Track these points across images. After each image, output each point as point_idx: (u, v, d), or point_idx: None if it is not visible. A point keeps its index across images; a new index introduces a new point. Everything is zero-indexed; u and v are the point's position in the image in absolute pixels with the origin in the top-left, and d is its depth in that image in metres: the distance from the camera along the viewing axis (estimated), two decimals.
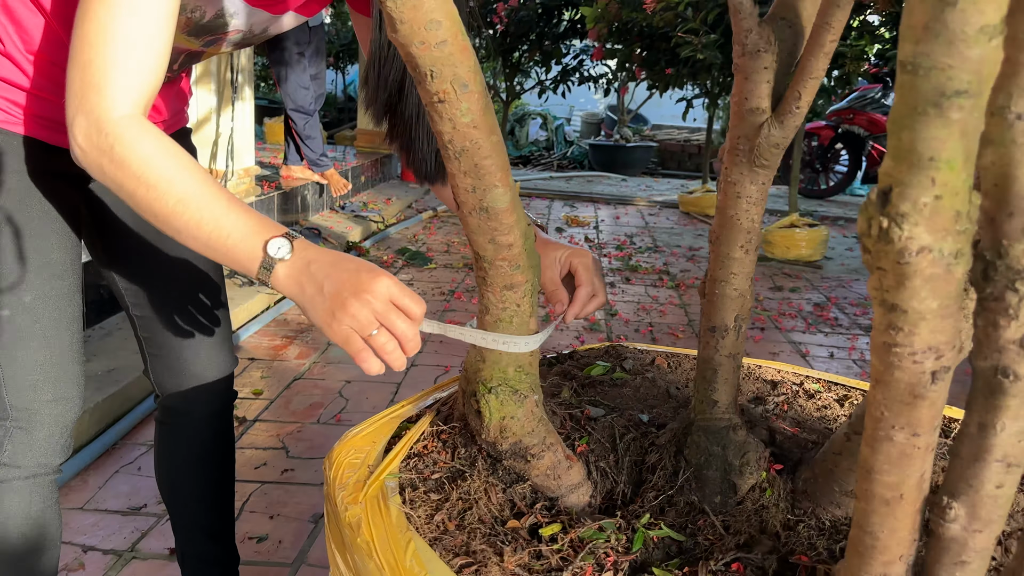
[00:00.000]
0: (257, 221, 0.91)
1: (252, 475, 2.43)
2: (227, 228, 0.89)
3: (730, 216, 1.02)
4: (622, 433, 1.13)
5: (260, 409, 2.84)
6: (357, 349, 0.88)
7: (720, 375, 1.06)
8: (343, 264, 0.90)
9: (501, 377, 1.05)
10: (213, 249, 0.90)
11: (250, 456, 2.53)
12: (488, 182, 0.96)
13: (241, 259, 0.90)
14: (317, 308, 0.88)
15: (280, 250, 0.89)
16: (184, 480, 1.47)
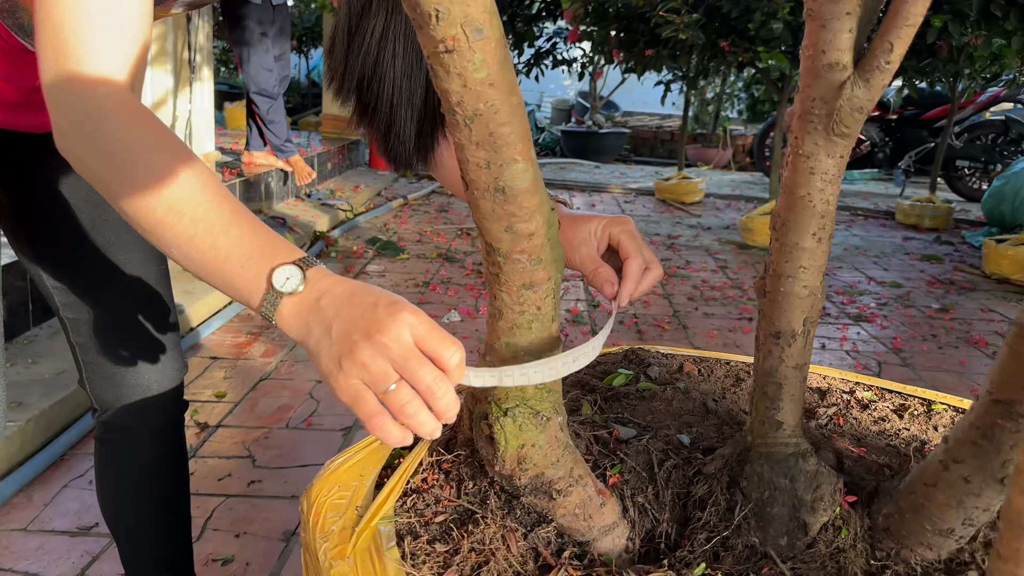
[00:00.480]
0: (264, 242, 0.73)
1: (215, 488, 2.21)
2: (225, 248, 0.71)
3: (801, 197, 0.83)
4: (661, 459, 0.94)
5: (223, 413, 2.62)
6: (368, 413, 0.66)
7: (785, 390, 0.88)
8: (358, 297, 0.70)
9: (518, 396, 0.86)
10: (209, 273, 0.72)
11: (212, 466, 2.31)
12: (506, 155, 0.76)
13: (241, 289, 0.72)
14: (323, 355, 0.68)
15: (288, 282, 0.70)
16: (131, 506, 1.29)
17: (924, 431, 1.08)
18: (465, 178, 0.79)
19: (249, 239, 0.72)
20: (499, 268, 0.84)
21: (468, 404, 0.92)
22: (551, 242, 0.85)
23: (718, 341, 3.42)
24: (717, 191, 7.60)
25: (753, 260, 4.95)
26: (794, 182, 0.84)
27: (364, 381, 0.66)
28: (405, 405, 0.66)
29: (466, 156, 0.77)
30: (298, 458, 2.34)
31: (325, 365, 0.68)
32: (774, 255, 0.87)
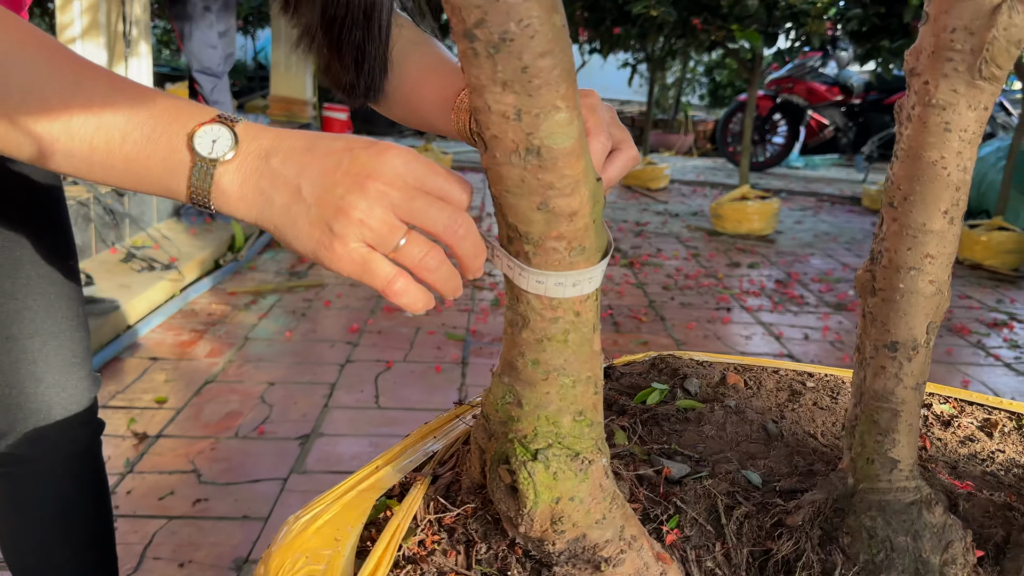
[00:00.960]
0: (167, 105, 0.57)
1: (155, 508, 1.95)
2: (119, 125, 0.55)
3: (931, 163, 0.62)
4: (728, 506, 0.73)
5: (164, 422, 2.35)
6: (386, 279, 0.56)
7: (903, 419, 0.67)
8: (322, 145, 0.57)
9: (551, 432, 0.64)
10: (104, 168, 0.56)
11: (152, 483, 2.05)
12: (545, 101, 0.55)
13: (154, 174, 0.56)
14: (300, 226, 0.56)
15: (217, 144, 0.55)
16: (41, 552, 1.08)
17: (1021, 454, 0.89)
18: (483, 135, 0.57)
19: (146, 107, 0.55)
20: (527, 260, 0.62)
21: (480, 440, 0.70)
22: (596, 224, 0.63)
23: (698, 333, 3.23)
24: (681, 177, 7.45)
25: (724, 247, 4.79)
26: (921, 142, 0.62)
27: (368, 242, 0.55)
28: (425, 257, 0.56)
29: (486, 102, 0.54)
30: (249, 472, 2.09)
31: (308, 238, 0.55)
32: (890, 240, 0.65)
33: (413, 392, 2.57)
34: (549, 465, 0.63)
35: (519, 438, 0.65)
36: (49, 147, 0.55)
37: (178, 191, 0.56)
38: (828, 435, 0.88)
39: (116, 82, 0.57)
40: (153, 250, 3.51)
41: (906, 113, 0.64)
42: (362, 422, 2.35)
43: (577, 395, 0.66)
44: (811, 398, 0.94)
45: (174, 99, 0.58)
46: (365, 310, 3.34)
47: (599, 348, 0.67)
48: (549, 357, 0.64)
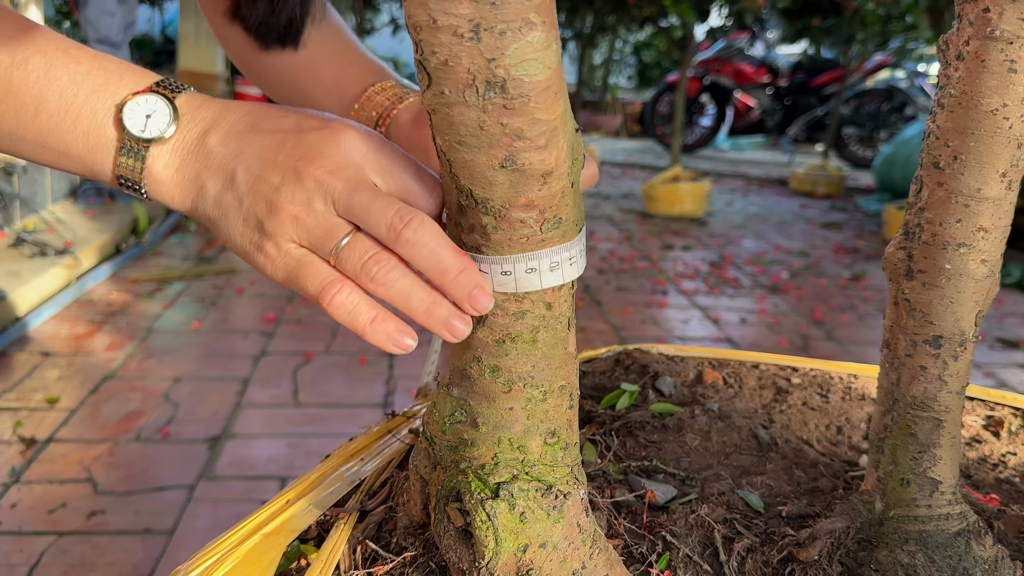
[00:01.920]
0: (93, 67, 0.47)
1: (44, 523, 1.74)
2: (32, 90, 0.46)
3: (990, 111, 0.49)
4: (726, 537, 0.59)
5: (56, 424, 2.11)
6: (320, 285, 0.45)
7: (946, 430, 0.54)
8: (268, 122, 0.47)
9: (516, 459, 0.50)
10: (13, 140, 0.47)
11: (41, 495, 1.82)
12: (514, 12, 0.40)
13: (74, 151, 0.47)
14: (231, 220, 0.46)
15: (152, 120, 0.46)
16: None
17: None
18: (426, 63, 0.41)
19: (64, 68, 0.46)
20: (484, 236, 0.47)
21: (422, 468, 0.54)
22: (575, 189, 0.48)
23: (635, 317, 3.13)
24: (611, 159, 7.38)
25: (657, 230, 4.72)
26: (978, 86, 0.49)
27: (302, 243, 0.46)
28: (367, 263, 0.45)
29: (430, 15, 0.39)
30: (152, 479, 1.88)
31: (240, 235, 0.46)
32: (934, 210, 0.52)
33: (335, 386, 2.38)
34: (515, 503, 0.48)
35: (474, 468, 0.50)
36: None
37: (102, 173, 0.47)
38: (824, 441, 0.76)
39: (31, 36, 0.47)
40: (46, 234, 3.22)
41: (955, 50, 0.51)
42: (279, 421, 2.16)
43: (548, 410, 0.51)
44: (799, 397, 0.82)
45: (104, 59, 0.48)
46: (282, 297, 3.12)
47: (574, 350, 0.52)
48: (513, 363, 0.50)
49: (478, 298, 0.46)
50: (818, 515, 0.61)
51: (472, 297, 0.46)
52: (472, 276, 0.46)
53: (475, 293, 0.46)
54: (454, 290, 0.46)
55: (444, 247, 0.45)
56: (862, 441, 0.77)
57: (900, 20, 5.14)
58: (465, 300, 0.46)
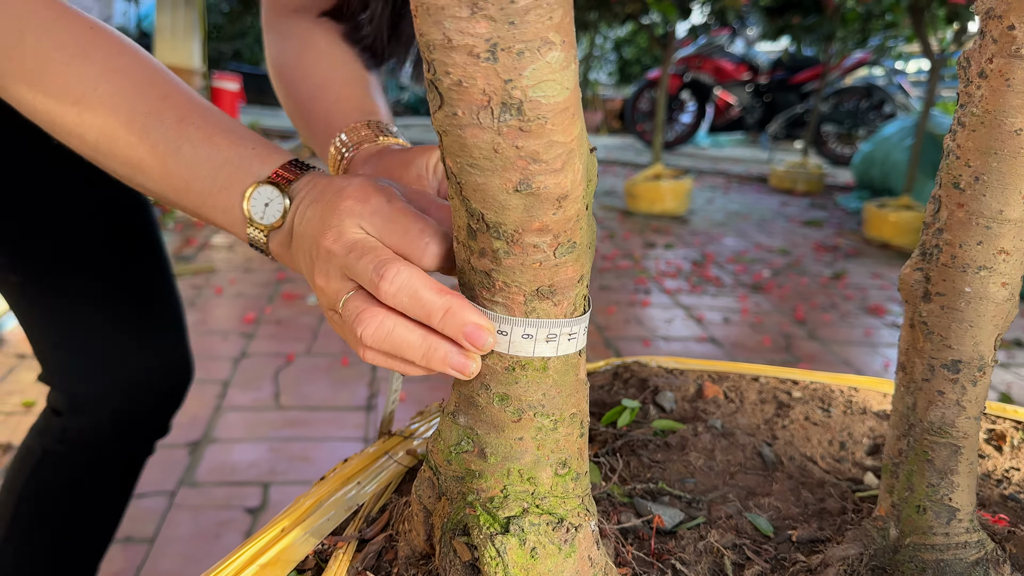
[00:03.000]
0: (229, 157, 0.56)
1: None
2: (181, 176, 0.56)
3: (1014, 132, 0.48)
4: (737, 564, 0.58)
5: None
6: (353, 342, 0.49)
7: (964, 457, 0.53)
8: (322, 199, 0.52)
9: (526, 492, 0.48)
10: (175, 204, 0.58)
11: None
12: (533, 31, 0.37)
13: (219, 221, 0.57)
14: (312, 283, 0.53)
15: (269, 209, 0.55)
16: (40, 541, 1.01)
17: None
18: (438, 83, 0.39)
19: (205, 158, 0.56)
20: (495, 262, 0.45)
21: (425, 499, 0.52)
22: (588, 212, 0.47)
23: (619, 317, 3.13)
24: None
25: (639, 228, 4.72)
26: (1002, 105, 0.48)
27: (329, 307, 0.51)
28: (355, 322, 0.47)
29: (446, 34, 0.37)
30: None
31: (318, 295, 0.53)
32: (953, 231, 0.51)
33: (318, 388, 2.35)
34: (525, 539, 0.47)
35: (483, 501, 0.48)
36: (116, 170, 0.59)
37: (241, 237, 0.57)
38: (828, 458, 0.75)
39: (185, 120, 0.57)
40: None
41: (977, 68, 0.49)
42: (260, 425, 2.12)
43: (559, 440, 0.49)
44: (801, 411, 0.81)
45: (238, 143, 0.57)
46: (262, 297, 3.08)
47: (585, 376, 0.51)
48: (523, 391, 0.48)
49: (473, 335, 0.45)
50: (829, 540, 0.60)
51: (467, 335, 0.45)
52: (458, 315, 0.45)
53: (468, 330, 0.45)
54: (445, 330, 0.46)
55: (425, 290, 0.46)
56: (866, 457, 0.76)
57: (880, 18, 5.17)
58: (460, 338, 0.45)
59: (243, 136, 0.58)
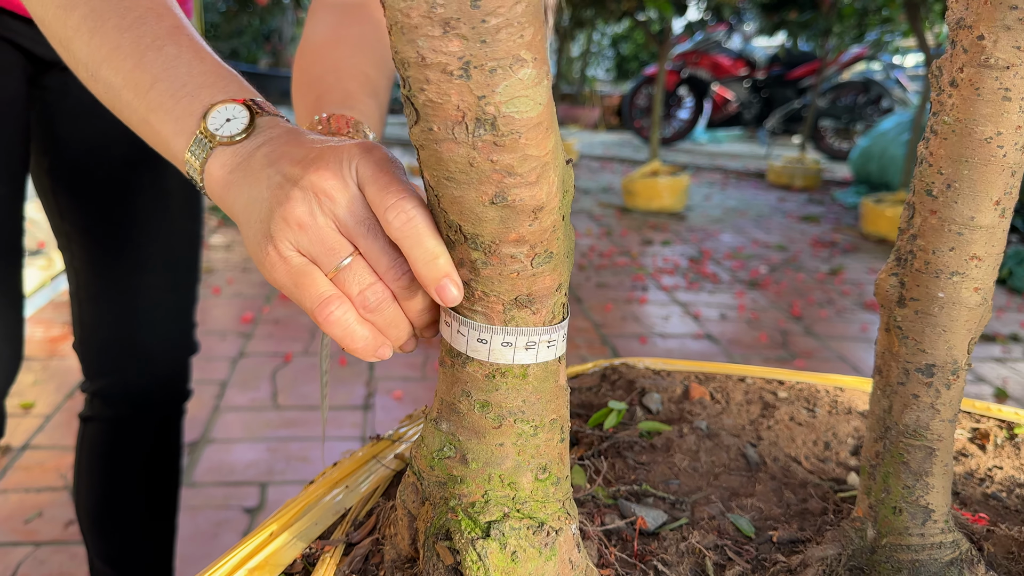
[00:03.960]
0: (208, 70, 0.55)
1: (20, 533, 1.72)
2: (153, 69, 0.54)
3: (984, 140, 0.49)
4: (718, 564, 0.59)
5: (31, 431, 2.08)
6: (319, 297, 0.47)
7: (938, 459, 0.54)
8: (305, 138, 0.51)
9: (507, 497, 0.49)
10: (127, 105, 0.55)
11: (17, 503, 1.80)
12: (504, 49, 0.38)
13: (163, 129, 0.54)
14: (252, 221, 0.49)
15: (229, 124, 0.52)
16: (123, 500, 1.15)
17: (1020, 470, 0.79)
18: (414, 99, 0.40)
19: (187, 62, 0.55)
20: (473, 272, 0.46)
21: (409, 503, 0.53)
22: (566, 222, 0.47)
23: (616, 314, 3.14)
24: (590, 152, 7.38)
25: (636, 225, 4.73)
26: (972, 114, 0.49)
27: (303, 251, 0.47)
28: (368, 291, 0.47)
29: (419, 52, 0.38)
30: None
31: (253, 236, 0.49)
32: (927, 238, 0.52)
33: (315, 388, 2.36)
34: (506, 543, 0.48)
35: (464, 506, 0.49)
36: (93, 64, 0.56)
37: (172, 154, 0.54)
38: (812, 458, 0.76)
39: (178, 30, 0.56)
40: None
41: (949, 77, 0.50)
42: (258, 424, 2.14)
43: (539, 445, 0.50)
44: (786, 412, 0.82)
45: (224, 67, 0.56)
46: (259, 297, 3.09)
47: (565, 382, 0.52)
48: (503, 397, 0.49)
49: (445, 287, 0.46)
50: (809, 540, 0.61)
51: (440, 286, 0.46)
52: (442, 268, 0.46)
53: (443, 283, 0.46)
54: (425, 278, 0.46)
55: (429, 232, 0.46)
56: (850, 457, 0.77)
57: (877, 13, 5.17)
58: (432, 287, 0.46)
59: (219, 62, 0.57)
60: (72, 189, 1.02)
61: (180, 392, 1.15)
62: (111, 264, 1.03)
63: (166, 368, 1.10)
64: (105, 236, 1.03)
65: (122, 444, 1.13)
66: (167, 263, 1.06)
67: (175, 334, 1.10)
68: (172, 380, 1.12)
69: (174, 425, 1.17)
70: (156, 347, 1.07)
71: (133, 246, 1.03)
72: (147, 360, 1.07)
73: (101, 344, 1.07)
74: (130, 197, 1.02)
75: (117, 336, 1.06)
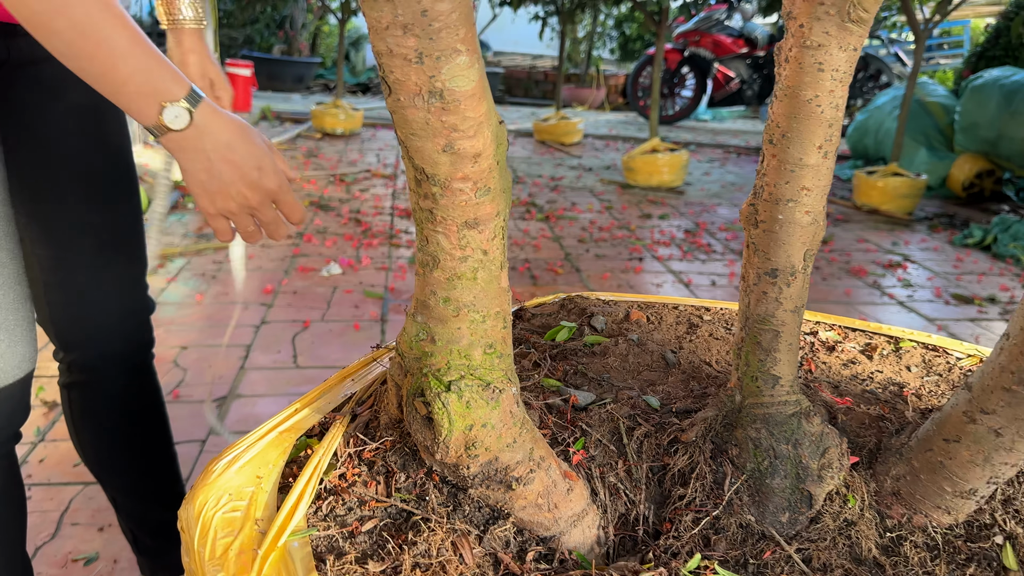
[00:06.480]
0: (157, 71, 0.78)
1: (70, 475, 1.92)
2: (124, 73, 0.76)
3: (806, 101, 0.67)
4: (629, 427, 0.78)
5: None
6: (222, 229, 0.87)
7: (783, 339, 0.73)
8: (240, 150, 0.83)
9: (463, 364, 0.68)
10: (101, 87, 0.77)
11: (66, 451, 2.01)
12: (446, 44, 0.57)
13: (130, 110, 0.79)
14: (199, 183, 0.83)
15: (177, 120, 0.79)
16: (107, 453, 1.28)
17: (897, 372, 0.97)
18: (387, 78, 0.59)
19: (144, 66, 0.76)
20: (434, 202, 0.65)
21: (396, 377, 0.73)
22: (500, 166, 0.66)
23: (612, 283, 3.32)
24: (594, 131, 7.53)
25: (636, 200, 4.90)
26: (798, 82, 0.67)
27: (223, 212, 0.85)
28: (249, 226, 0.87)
29: (387, 46, 0.57)
30: None
31: (198, 190, 0.83)
32: (770, 175, 0.71)
33: (332, 351, 2.57)
34: (462, 395, 0.67)
35: (433, 372, 0.68)
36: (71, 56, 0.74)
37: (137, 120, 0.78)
38: (722, 363, 0.95)
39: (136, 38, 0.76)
40: None
41: (784, 55, 0.69)
42: (280, 382, 2.35)
43: (487, 329, 0.69)
44: (707, 330, 1.01)
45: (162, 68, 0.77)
46: (279, 271, 3.30)
47: (507, 285, 0.71)
48: (459, 294, 0.68)
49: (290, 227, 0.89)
50: (699, 409, 0.80)
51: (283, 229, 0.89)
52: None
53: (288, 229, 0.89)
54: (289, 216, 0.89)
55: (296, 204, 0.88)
56: None
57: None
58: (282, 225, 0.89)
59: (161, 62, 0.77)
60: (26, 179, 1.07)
61: (145, 344, 1.25)
62: (71, 247, 1.10)
63: (130, 330, 1.21)
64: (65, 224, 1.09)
65: (103, 400, 1.23)
66: (121, 241, 1.15)
67: (135, 301, 1.20)
68: (136, 339, 1.22)
69: (147, 370, 1.27)
70: (120, 317, 1.17)
71: (91, 229, 1.11)
72: (112, 329, 1.17)
73: (70, 321, 1.15)
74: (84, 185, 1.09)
75: (84, 313, 1.14)
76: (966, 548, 0.71)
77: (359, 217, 4.16)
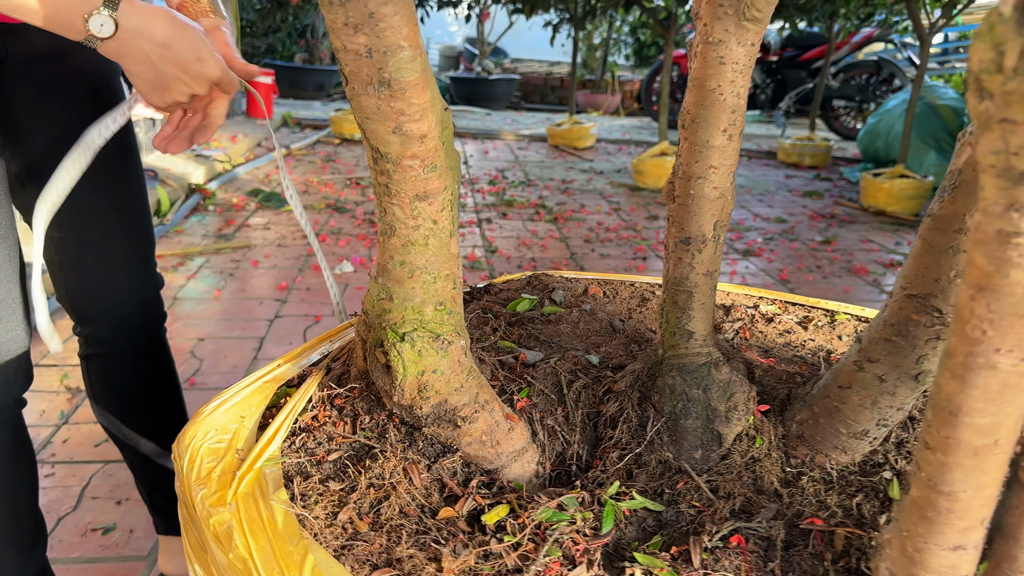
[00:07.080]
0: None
1: (92, 454, 2.05)
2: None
3: (711, 90, 0.78)
4: (569, 380, 0.89)
5: None
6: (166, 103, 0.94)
7: (696, 299, 0.83)
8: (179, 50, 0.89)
9: (416, 319, 0.79)
10: (35, 20, 0.83)
11: (88, 432, 2.14)
12: (390, 41, 0.68)
13: (65, 31, 0.84)
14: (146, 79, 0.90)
15: (103, 28, 0.84)
16: (131, 414, 1.38)
17: (829, 341, 1.07)
18: (344, 70, 0.70)
19: None
20: (388, 177, 0.76)
21: (361, 332, 0.84)
22: (446, 146, 0.78)
23: None
24: (608, 136, 7.63)
25: (645, 202, 4.99)
26: (703, 74, 0.78)
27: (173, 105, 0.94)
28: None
29: (343, 43, 0.68)
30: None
31: (146, 89, 0.91)
32: (683, 155, 0.81)
33: None
34: (415, 344, 0.78)
35: (390, 325, 0.80)
36: None
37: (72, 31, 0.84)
38: None
39: None
40: None
41: (693, 51, 0.80)
42: None
43: (438, 289, 0.80)
44: (657, 303, 1.11)
45: None
46: (294, 269, 3.44)
47: (456, 251, 0.82)
48: (413, 258, 0.79)
49: None
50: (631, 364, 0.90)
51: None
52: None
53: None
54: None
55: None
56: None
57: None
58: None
59: None
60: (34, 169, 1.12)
61: (158, 317, 1.34)
62: (80, 231, 1.17)
63: (140, 306, 1.29)
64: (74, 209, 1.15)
65: (119, 370, 1.32)
66: (128, 223, 1.22)
67: (145, 278, 1.28)
68: (147, 314, 1.31)
69: (159, 342, 1.37)
70: (129, 293, 1.25)
71: (98, 214, 1.18)
72: (124, 305, 1.25)
73: (84, 299, 1.23)
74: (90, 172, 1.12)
75: (99, 291, 1.22)
76: (857, 482, 0.81)
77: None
